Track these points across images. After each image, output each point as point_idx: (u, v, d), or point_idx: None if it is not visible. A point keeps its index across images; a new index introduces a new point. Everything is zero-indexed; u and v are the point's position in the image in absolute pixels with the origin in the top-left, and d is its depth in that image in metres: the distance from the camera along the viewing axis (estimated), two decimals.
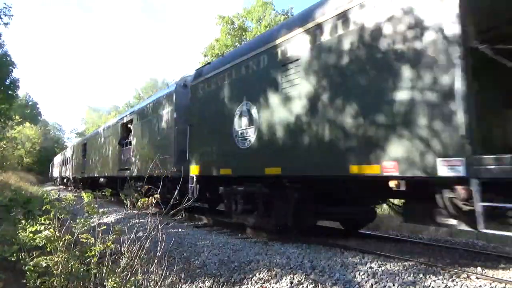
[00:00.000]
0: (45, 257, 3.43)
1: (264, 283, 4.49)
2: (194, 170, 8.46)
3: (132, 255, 3.56)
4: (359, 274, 4.31)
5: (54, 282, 3.27)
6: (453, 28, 3.74)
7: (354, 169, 4.68)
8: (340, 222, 7.80)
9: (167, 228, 6.31)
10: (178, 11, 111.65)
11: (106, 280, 3.31)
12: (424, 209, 4.47)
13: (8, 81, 20.39)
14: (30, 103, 49.78)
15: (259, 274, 4.71)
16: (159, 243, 3.77)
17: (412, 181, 4.28)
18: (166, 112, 10.51)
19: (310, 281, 4.28)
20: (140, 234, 3.89)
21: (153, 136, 11.43)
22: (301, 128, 5.60)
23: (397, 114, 4.23)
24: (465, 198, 3.74)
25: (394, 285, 3.94)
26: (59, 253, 3.42)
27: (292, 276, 4.46)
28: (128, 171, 13.18)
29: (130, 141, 13.78)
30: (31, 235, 3.74)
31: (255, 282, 4.56)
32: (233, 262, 5.27)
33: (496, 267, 4.66)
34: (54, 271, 3.34)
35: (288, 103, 5.88)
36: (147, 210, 3.88)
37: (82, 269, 3.42)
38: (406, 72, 4.18)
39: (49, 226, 3.61)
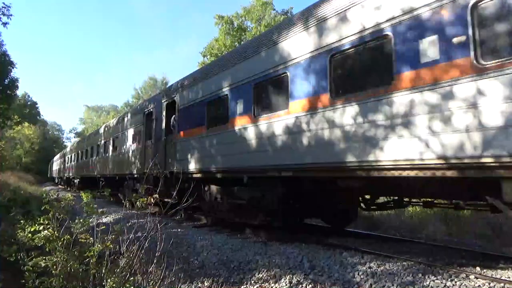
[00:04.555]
0: (44, 257, 3.43)
1: (263, 283, 4.49)
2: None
3: (131, 255, 3.56)
4: (358, 274, 4.32)
5: (53, 282, 3.27)
6: None
7: None
8: None
9: (166, 228, 6.31)
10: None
11: (105, 280, 3.31)
12: None
13: (7, 81, 20.32)
14: (29, 102, 49.69)
15: (258, 274, 4.71)
16: (158, 243, 3.77)
17: None
18: None
19: (309, 281, 4.28)
20: (139, 234, 3.89)
21: None
22: None
23: None
24: None
25: (393, 285, 3.95)
26: (58, 253, 3.42)
27: (291, 276, 4.47)
28: None
29: None
30: (30, 235, 3.74)
31: (254, 282, 4.56)
32: (232, 262, 5.27)
33: (495, 267, 4.67)
34: (53, 271, 3.34)
35: None
36: (146, 210, 3.89)
37: (81, 269, 3.41)
38: None
39: (48, 226, 3.61)
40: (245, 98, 6.88)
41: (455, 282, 3.90)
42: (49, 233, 3.51)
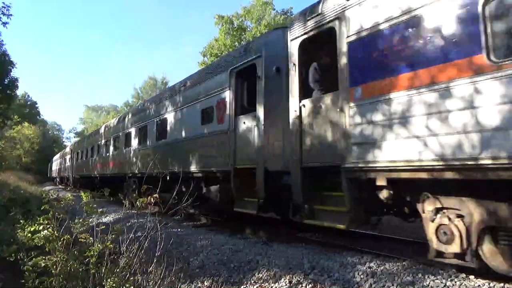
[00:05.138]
0: (43, 257, 3.43)
1: (263, 283, 4.49)
2: None
3: (131, 255, 3.56)
4: (358, 274, 4.31)
5: (53, 282, 3.27)
6: None
7: None
8: None
9: (166, 228, 6.31)
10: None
11: (105, 280, 3.31)
12: None
13: (7, 81, 20.33)
14: (29, 102, 49.73)
15: (258, 274, 4.71)
16: (158, 243, 3.77)
17: None
18: None
19: (309, 281, 4.28)
20: (139, 234, 3.89)
21: None
22: None
23: None
24: None
25: (393, 285, 3.94)
26: (57, 253, 3.42)
27: (291, 276, 4.46)
28: None
29: None
30: (29, 235, 3.74)
31: (254, 282, 4.56)
32: (232, 262, 5.27)
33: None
34: (53, 271, 3.34)
35: None
36: (146, 209, 3.90)
37: (81, 269, 3.41)
38: None
39: (48, 226, 3.61)
40: None
41: (455, 282, 3.89)
42: (48, 233, 3.51)
